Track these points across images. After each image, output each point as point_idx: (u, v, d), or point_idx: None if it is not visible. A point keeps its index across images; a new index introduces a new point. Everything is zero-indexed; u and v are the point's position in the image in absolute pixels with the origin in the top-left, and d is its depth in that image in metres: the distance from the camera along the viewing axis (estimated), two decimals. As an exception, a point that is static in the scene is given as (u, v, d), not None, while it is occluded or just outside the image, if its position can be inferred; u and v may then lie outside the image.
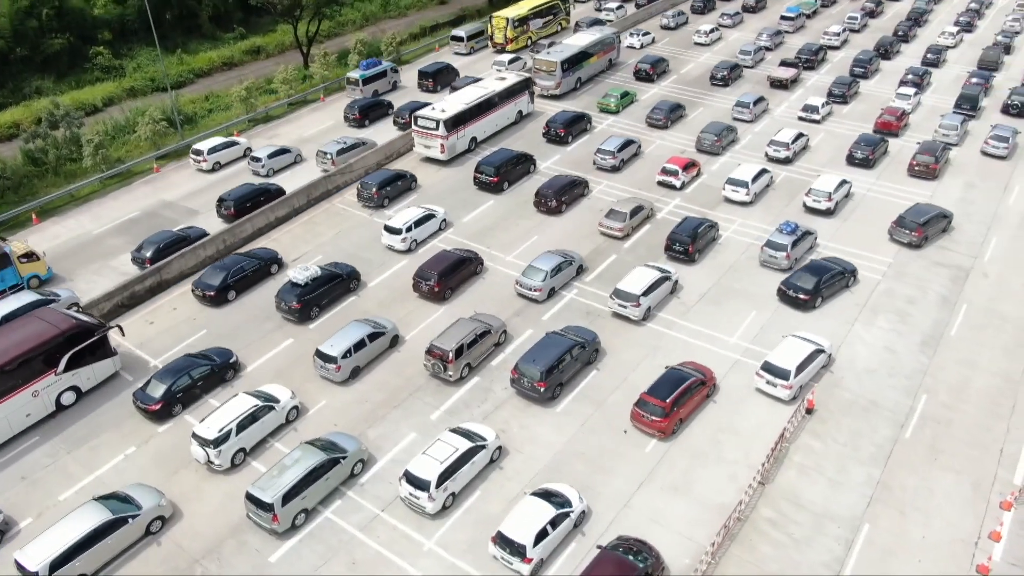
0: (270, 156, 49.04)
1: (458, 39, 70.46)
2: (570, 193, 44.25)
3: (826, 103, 55.23)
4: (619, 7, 78.14)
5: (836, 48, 68.89)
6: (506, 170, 46.10)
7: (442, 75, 61.47)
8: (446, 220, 42.88)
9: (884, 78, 62.26)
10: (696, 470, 28.16)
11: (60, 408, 31.21)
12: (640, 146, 50.52)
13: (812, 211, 43.47)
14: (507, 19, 67.81)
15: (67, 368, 30.88)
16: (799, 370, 30.68)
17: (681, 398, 29.32)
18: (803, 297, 35.63)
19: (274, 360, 33.90)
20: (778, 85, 60.16)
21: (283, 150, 50.05)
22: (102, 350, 31.99)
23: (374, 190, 44.54)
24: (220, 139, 51.43)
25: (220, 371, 32.24)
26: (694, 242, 38.92)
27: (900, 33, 70.45)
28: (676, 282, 37.37)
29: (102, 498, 25.87)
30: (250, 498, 25.75)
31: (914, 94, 56.12)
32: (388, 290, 38.15)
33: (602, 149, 48.40)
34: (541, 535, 24.38)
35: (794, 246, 38.22)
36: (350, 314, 36.15)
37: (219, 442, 27.92)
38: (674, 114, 54.33)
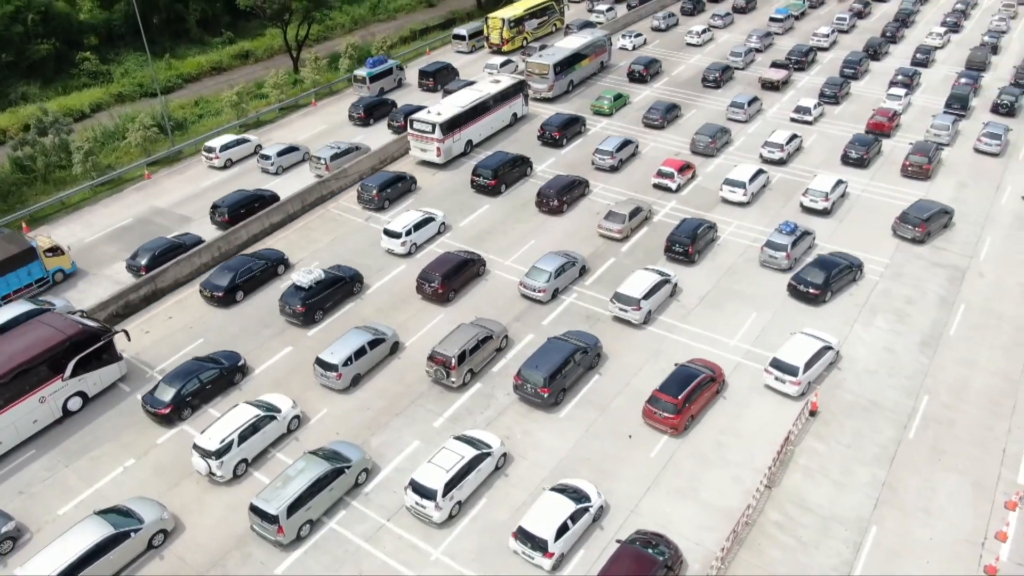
0: (279, 154, 49.71)
1: (460, 37, 71.17)
2: (571, 193, 44.47)
3: (818, 104, 55.48)
4: (609, 9, 78.20)
5: (825, 49, 69.23)
6: (503, 172, 46.02)
7: (442, 75, 61.94)
8: (445, 223, 42.70)
9: (874, 79, 62.62)
10: (701, 474, 28.11)
11: (67, 414, 31.02)
12: (637, 146, 50.72)
13: (809, 211, 43.62)
14: (503, 20, 68.03)
15: (73, 373, 30.74)
16: (807, 366, 30.99)
17: (692, 394, 29.63)
18: (814, 292, 36.07)
19: (273, 369, 33.56)
20: (769, 86, 60.37)
21: (292, 148, 50.66)
22: (108, 355, 31.86)
23: (375, 192, 44.37)
24: (231, 136, 51.96)
25: (229, 374, 32.14)
26: (694, 243, 39.00)
27: (888, 34, 70.90)
28: (676, 285, 37.36)
29: (103, 512, 25.48)
30: (254, 510, 25.44)
31: (904, 95, 56.49)
32: (387, 295, 37.88)
33: (600, 149, 48.56)
34: (562, 529, 24.62)
35: (793, 246, 38.45)
36: (349, 320, 35.87)
37: (221, 453, 27.58)
38: (670, 114, 54.63)
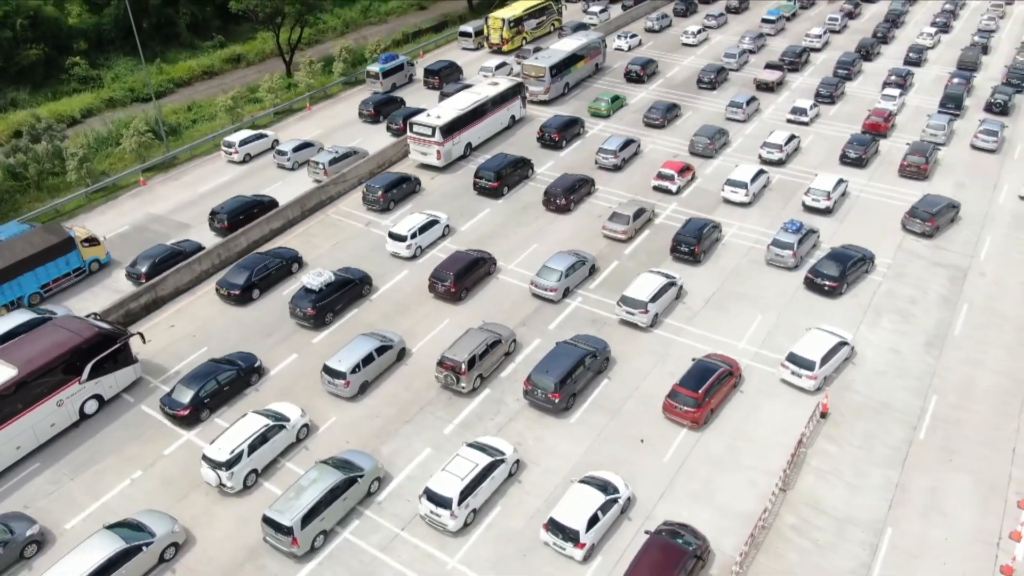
0: (295, 149, 50.23)
1: (466, 35, 72.03)
2: (579, 191, 44.74)
3: (814, 105, 55.73)
4: (603, 10, 78.26)
5: (818, 50, 69.57)
6: (506, 175, 45.93)
7: (447, 73, 62.43)
8: (449, 226, 42.50)
9: (867, 79, 62.97)
10: (716, 477, 28.04)
11: (83, 417, 30.86)
12: (639, 145, 50.93)
13: (811, 210, 43.77)
14: (503, 20, 68.21)
15: (90, 376, 30.58)
16: (824, 361, 31.28)
17: (712, 388, 29.95)
18: (831, 284, 36.57)
19: (279, 377, 33.20)
20: (764, 87, 60.56)
21: (307, 144, 51.08)
22: (123, 357, 31.75)
23: (380, 193, 44.20)
24: (249, 132, 52.88)
25: (245, 375, 32.08)
26: (699, 243, 39.15)
27: (879, 35, 71.38)
28: (681, 287, 37.33)
29: (113, 526, 25.05)
30: (268, 521, 25.09)
31: (899, 95, 56.84)
32: (390, 302, 37.59)
33: (604, 149, 48.79)
34: (592, 520, 24.92)
35: (800, 244, 38.79)
36: (354, 327, 35.55)
37: (231, 464, 27.21)
38: (670, 113, 55.02)
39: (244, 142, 51.45)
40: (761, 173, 45.68)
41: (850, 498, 27.16)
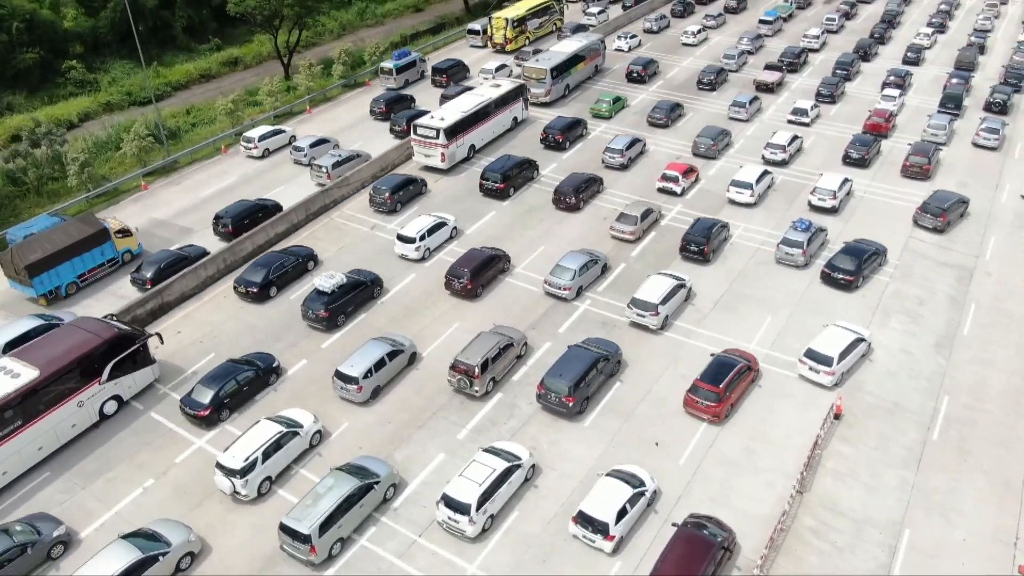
0: (311, 146, 50.72)
1: (474, 32, 72.66)
2: (588, 190, 44.93)
3: (815, 105, 55.87)
4: (602, 11, 78.26)
5: (816, 51, 69.76)
6: (512, 176, 45.86)
7: (454, 71, 62.75)
8: (457, 228, 42.37)
9: (865, 80, 63.17)
10: (732, 481, 27.99)
11: (103, 418, 30.86)
12: (645, 144, 51.12)
13: (817, 209, 43.87)
14: (506, 20, 68.33)
15: (110, 377, 30.56)
16: (841, 357, 31.56)
17: (732, 383, 30.22)
18: (847, 278, 37.06)
19: (290, 382, 32.97)
20: (764, 88, 60.66)
21: (323, 140, 51.55)
22: (142, 358, 31.80)
23: (387, 195, 44.07)
24: (268, 127, 53.40)
25: (264, 375, 32.09)
26: (708, 242, 39.23)
27: (876, 35, 71.61)
28: (690, 289, 37.31)
29: (129, 536, 24.78)
30: (285, 529, 24.89)
31: (899, 95, 57.05)
32: (399, 305, 37.40)
33: (610, 148, 49.00)
34: (621, 513, 25.27)
35: (809, 243, 39.01)
36: (364, 331, 35.35)
37: (245, 471, 26.98)
38: (674, 113, 55.25)
39: (263, 137, 51.95)
40: (766, 174, 45.78)
41: (867, 499, 27.17)
